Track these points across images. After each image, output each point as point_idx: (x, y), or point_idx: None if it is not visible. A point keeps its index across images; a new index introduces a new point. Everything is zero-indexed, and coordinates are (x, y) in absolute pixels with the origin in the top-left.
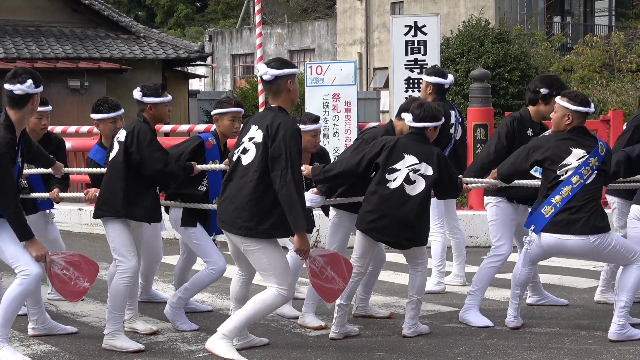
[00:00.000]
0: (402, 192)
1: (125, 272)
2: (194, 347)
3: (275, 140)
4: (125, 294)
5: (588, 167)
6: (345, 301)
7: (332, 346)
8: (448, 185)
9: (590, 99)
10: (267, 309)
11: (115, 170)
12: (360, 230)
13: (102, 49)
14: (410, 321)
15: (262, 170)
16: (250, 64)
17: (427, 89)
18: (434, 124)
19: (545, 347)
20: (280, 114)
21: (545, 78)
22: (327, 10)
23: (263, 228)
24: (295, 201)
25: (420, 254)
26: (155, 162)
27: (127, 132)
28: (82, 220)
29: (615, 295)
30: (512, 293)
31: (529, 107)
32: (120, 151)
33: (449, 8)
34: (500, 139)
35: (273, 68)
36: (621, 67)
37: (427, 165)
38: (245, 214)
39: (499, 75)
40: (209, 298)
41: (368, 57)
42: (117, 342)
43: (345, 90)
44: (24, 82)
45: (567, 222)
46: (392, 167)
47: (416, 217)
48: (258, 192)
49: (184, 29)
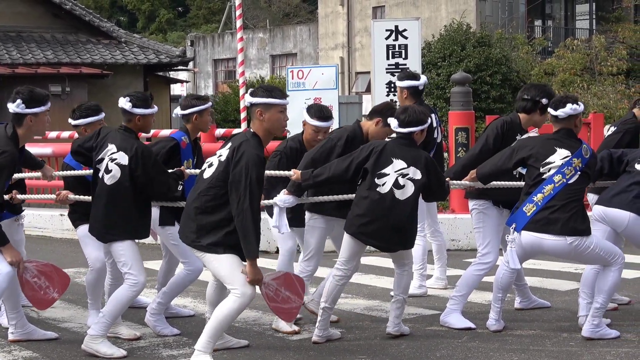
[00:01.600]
0: (392, 197)
1: (136, 285)
2: (175, 351)
3: (238, 166)
4: (126, 305)
5: (571, 167)
6: (330, 304)
7: (314, 350)
8: (437, 189)
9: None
10: (230, 315)
11: (123, 195)
12: (350, 234)
13: (83, 54)
14: (395, 320)
15: (217, 188)
16: (232, 69)
17: (403, 94)
18: (419, 128)
19: (526, 350)
20: (252, 139)
21: (543, 88)
22: (308, 14)
23: (204, 242)
24: (250, 230)
25: (407, 255)
26: (161, 185)
27: (130, 156)
28: (64, 226)
29: (579, 298)
30: (494, 296)
31: (521, 114)
32: (125, 176)
33: (430, 12)
34: (488, 142)
35: (250, 94)
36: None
37: (416, 169)
38: (193, 225)
39: (480, 79)
40: (191, 303)
41: (350, 62)
42: (100, 348)
43: (327, 95)
44: (14, 101)
45: (546, 221)
46: (381, 172)
47: (406, 221)
48: (207, 208)
49: (165, 34)
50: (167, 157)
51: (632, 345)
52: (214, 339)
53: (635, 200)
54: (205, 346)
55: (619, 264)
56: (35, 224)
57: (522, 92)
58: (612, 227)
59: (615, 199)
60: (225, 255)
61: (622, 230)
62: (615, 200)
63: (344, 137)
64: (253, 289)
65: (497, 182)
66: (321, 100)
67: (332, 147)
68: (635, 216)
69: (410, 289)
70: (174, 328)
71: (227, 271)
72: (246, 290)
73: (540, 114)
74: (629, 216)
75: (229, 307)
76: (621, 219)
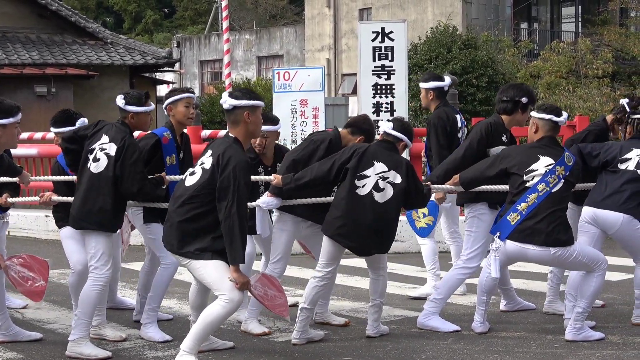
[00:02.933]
0: (371, 200)
1: (100, 279)
2: (160, 353)
3: (225, 172)
4: (96, 301)
5: (554, 176)
6: (309, 305)
7: (299, 352)
8: (415, 196)
9: (559, 109)
10: (217, 321)
11: (104, 185)
12: (328, 236)
13: (69, 55)
14: (373, 323)
15: (202, 196)
16: (219, 70)
17: (428, 96)
18: (407, 140)
19: (511, 352)
20: (234, 145)
21: (520, 87)
22: (295, 16)
23: (191, 248)
24: (237, 235)
25: (382, 259)
26: (132, 183)
27: (118, 147)
28: (49, 227)
29: (566, 300)
30: (479, 299)
31: (503, 115)
32: (110, 166)
33: (416, 14)
34: (472, 145)
35: (232, 97)
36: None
37: (396, 174)
38: (177, 233)
39: (466, 81)
40: (176, 304)
41: (336, 63)
42: (84, 350)
43: (313, 96)
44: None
45: (531, 231)
46: (361, 174)
47: (384, 223)
48: (190, 215)
49: (151, 35)
50: (150, 154)
51: (616, 348)
52: (199, 342)
53: (628, 202)
54: (190, 347)
55: (602, 269)
56: (21, 225)
57: (501, 93)
58: (602, 229)
59: (607, 200)
60: (212, 262)
61: (614, 233)
62: (607, 202)
63: (327, 140)
64: (241, 295)
65: (482, 187)
66: (307, 101)
67: (314, 149)
68: (628, 218)
69: (426, 289)
70: (166, 334)
71: (215, 277)
72: (234, 297)
73: (522, 113)
74: (622, 218)
75: (216, 313)
76: (613, 221)
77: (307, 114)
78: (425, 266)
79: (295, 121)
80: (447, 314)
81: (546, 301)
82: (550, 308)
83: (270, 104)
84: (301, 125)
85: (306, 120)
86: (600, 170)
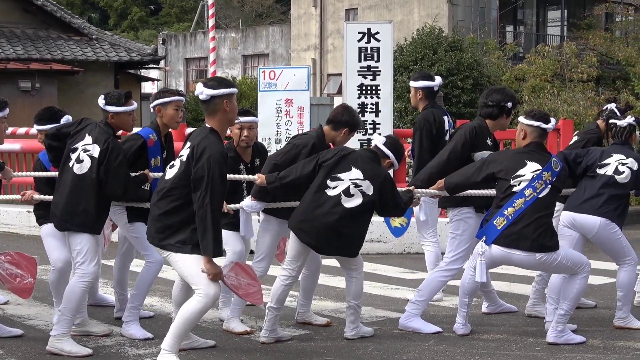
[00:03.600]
0: (337, 202)
1: (84, 276)
2: (142, 351)
3: (199, 162)
4: (81, 298)
5: (541, 181)
6: (276, 304)
7: (281, 351)
8: (392, 207)
9: (547, 116)
10: (194, 316)
11: (87, 187)
12: (290, 227)
13: (54, 50)
14: (351, 325)
15: (180, 188)
16: (204, 68)
17: (417, 95)
18: (394, 159)
19: (493, 354)
20: (211, 135)
21: (504, 91)
22: (281, 15)
23: (172, 241)
24: (208, 226)
25: (353, 262)
26: (117, 185)
27: (102, 149)
28: (31, 223)
29: (547, 303)
30: (461, 301)
31: (487, 119)
32: (93, 167)
33: (403, 15)
34: (456, 149)
35: (209, 87)
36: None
37: (370, 185)
38: (158, 226)
39: (451, 83)
40: (157, 302)
41: (322, 63)
42: (65, 346)
43: (298, 96)
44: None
45: (517, 236)
46: (336, 175)
47: (344, 227)
48: (172, 208)
49: (137, 32)
50: (135, 156)
51: (597, 351)
52: (179, 339)
53: (605, 206)
54: (171, 346)
55: (586, 272)
56: (2, 221)
57: (485, 98)
58: (581, 233)
59: (585, 205)
60: (192, 255)
61: (592, 236)
62: (584, 206)
63: (310, 144)
64: (217, 290)
65: (468, 192)
66: (292, 101)
67: (297, 154)
68: (605, 221)
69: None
70: (147, 332)
71: (192, 271)
72: (210, 291)
73: (506, 118)
74: (599, 222)
75: (193, 308)
76: (591, 224)
77: (292, 114)
78: (428, 271)
79: (280, 120)
80: (428, 315)
81: (529, 303)
82: (533, 310)
83: (255, 102)
84: (286, 124)
85: (291, 120)
86: (583, 176)
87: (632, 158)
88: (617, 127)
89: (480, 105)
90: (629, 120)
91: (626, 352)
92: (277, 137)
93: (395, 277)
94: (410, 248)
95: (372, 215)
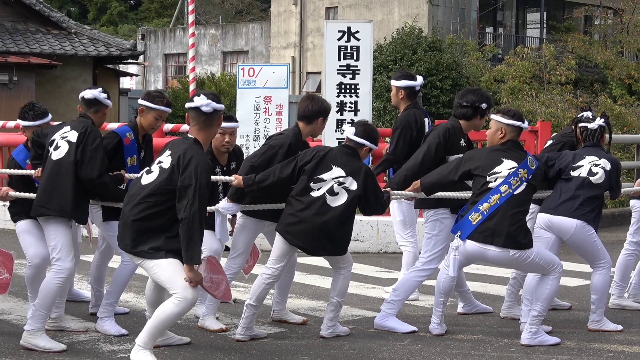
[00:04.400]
0: (323, 202)
1: (62, 272)
2: (116, 347)
3: (187, 171)
4: (56, 294)
5: (517, 178)
6: (255, 302)
7: (256, 349)
8: (374, 203)
9: (523, 115)
10: (171, 318)
11: (64, 170)
12: (278, 231)
13: (32, 43)
14: (328, 322)
15: (159, 195)
16: (183, 64)
17: (399, 95)
18: (370, 145)
19: (468, 354)
20: (195, 146)
21: (479, 92)
22: (261, 12)
23: (145, 247)
24: (195, 235)
25: (342, 260)
26: (92, 169)
27: (79, 133)
28: (6, 217)
29: (522, 305)
30: (436, 301)
31: (462, 120)
32: (71, 151)
33: (383, 15)
34: (430, 150)
35: (216, 101)
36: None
37: (353, 180)
38: (131, 232)
39: (430, 83)
40: (133, 298)
41: (301, 61)
42: (39, 342)
43: (277, 93)
44: None
45: (491, 232)
46: (318, 177)
47: (334, 227)
48: (145, 214)
49: (116, 27)
50: (111, 154)
51: (572, 353)
52: (154, 338)
53: (581, 208)
54: (145, 342)
55: (557, 272)
56: None
57: (460, 98)
58: (557, 235)
59: (561, 207)
60: (166, 260)
61: (568, 239)
62: (561, 208)
63: (286, 144)
64: (195, 294)
65: (442, 193)
66: (271, 98)
67: (273, 154)
68: (582, 224)
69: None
70: (122, 328)
71: (168, 276)
72: (187, 295)
73: (480, 118)
74: (575, 224)
75: (170, 311)
76: (567, 227)
77: (271, 111)
78: (402, 271)
79: (258, 118)
80: (404, 315)
81: (504, 306)
82: (509, 313)
83: (234, 99)
84: (264, 122)
85: (270, 117)
86: (556, 179)
87: (604, 159)
88: (588, 130)
89: (454, 106)
90: (599, 122)
91: (600, 354)
92: (256, 135)
93: (371, 277)
94: (387, 247)
95: (355, 212)
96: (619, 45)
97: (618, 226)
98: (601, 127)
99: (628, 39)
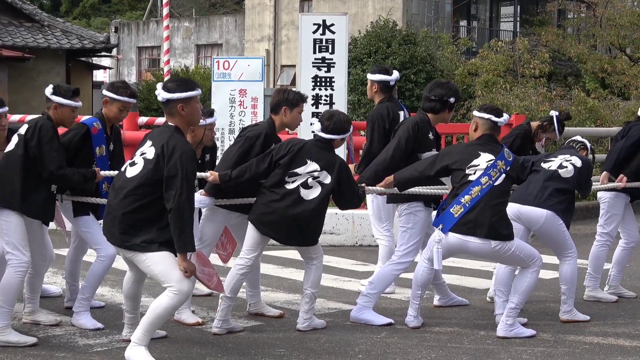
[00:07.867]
0: (297, 195)
1: (20, 266)
2: (92, 341)
3: (172, 161)
4: (18, 288)
5: (496, 170)
6: (230, 294)
7: (233, 342)
8: (349, 196)
9: (500, 110)
10: (165, 312)
11: (13, 163)
12: (250, 220)
13: (4, 36)
14: (304, 315)
15: (146, 187)
16: (156, 57)
17: (373, 88)
18: (341, 137)
19: (444, 347)
20: (177, 134)
21: (448, 85)
22: (235, 5)
23: (137, 240)
24: (187, 223)
25: (314, 250)
26: (49, 161)
27: (29, 127)
28: None
29: (496, 297)
30: (413, 293)
31: (430, 114)
32: (19, 144)
33: (357, 8)
34: (400, 145)
35: (165, 90)
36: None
37: (327, 174)
38: (121, 226)
39: (405, 76)
40: (108, 292)
41: (275, 54)
42: (9, 338)
43: (252, 87)
44: None
45: (474, 224)
46: (293, 172)
47: (306, 220)
48: (134, 206)
49: (89, 19)
50: (80, 144)
51: (548, 345)
52: (149, 333)
53: (550, 199)
54: (140, 339)
55: (537, 266)
56: None
57: (428, 92)
58: (526, 225)
59: (531, 197)
60: (159, 253)
61: (537, 229)
62: (530, 198)
63: (262, 134)
64: (190, 286)
65: (416, 189)
66: (246, 91)
67: (250, 145)
68: (551, 214)
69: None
70: (98, 322)
71: (162, 269)
72: (182, 287)
73: (449, 112)
74: (545, 214)
75: (165, 304)
76: (537, 217)
77: (246, 104)
78: (378, 265)
79: (233, 111)
80: (380, 307)
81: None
82: None
83: (209, 92)
84: (240, 115)
85: (245, 110)
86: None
87: (576, 157)
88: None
89: (422, 99)
90: (551, 113)
91: (576, 345)
92: (231, 128)
93: (347, 270)
94: (363, 240)
95: (328, 205)
96: (592, 39)
97: (592, 219)
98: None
99: (601, 32)
